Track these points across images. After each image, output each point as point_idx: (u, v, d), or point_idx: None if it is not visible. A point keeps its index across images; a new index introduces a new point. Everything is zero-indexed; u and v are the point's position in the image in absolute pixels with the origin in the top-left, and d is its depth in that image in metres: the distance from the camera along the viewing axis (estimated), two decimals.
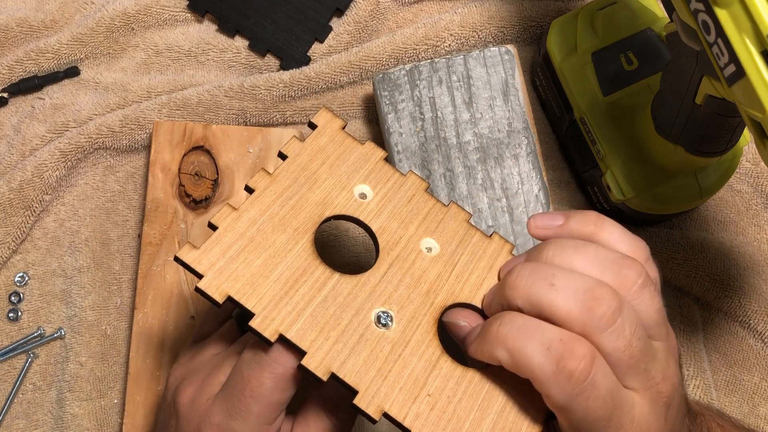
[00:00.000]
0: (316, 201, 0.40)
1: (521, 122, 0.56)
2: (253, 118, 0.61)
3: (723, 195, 0.60)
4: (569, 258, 0.35)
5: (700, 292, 0.58)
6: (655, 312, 0.35)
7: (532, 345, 0.33)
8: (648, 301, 0.35)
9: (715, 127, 0.47)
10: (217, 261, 0.37)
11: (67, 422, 0.57)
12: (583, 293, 0.33)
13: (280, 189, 0.40)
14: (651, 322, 0.35)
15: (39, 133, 0.61)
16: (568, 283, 0.34)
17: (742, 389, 0.57)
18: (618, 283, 0.35)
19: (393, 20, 0.64)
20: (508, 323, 0.34)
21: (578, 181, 0.61)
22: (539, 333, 0.33)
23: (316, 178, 0.41)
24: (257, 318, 0.36)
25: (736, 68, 0.35)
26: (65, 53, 0.62)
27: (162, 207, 0.56)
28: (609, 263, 0.35)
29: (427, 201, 0.42)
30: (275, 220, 0.39)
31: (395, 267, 0.40)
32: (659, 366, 0.35)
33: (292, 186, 0.40)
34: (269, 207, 0.39)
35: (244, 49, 0.63)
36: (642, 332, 0.34)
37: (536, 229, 0.38)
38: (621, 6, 0.56)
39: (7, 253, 0.59)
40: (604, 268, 0.35)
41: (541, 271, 0.35)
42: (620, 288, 0.34)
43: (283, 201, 0.40)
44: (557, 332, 0.33)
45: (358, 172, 0.42)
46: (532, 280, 0.35)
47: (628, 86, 0.55)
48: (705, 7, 0.36)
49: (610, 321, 0.33)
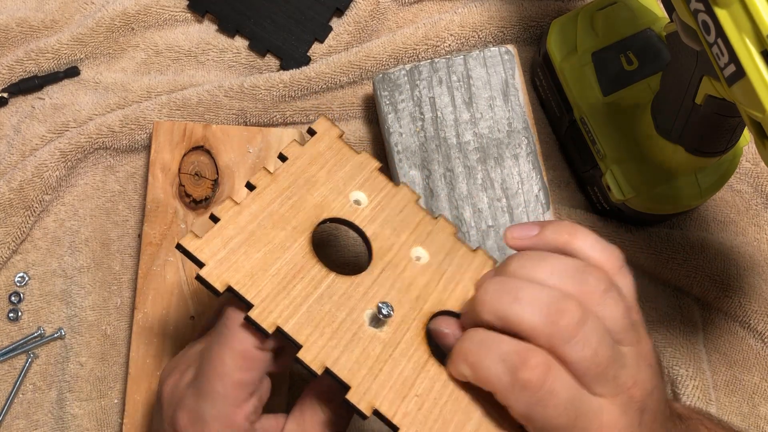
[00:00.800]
0: (314, 203, 0.42)
1: (521, 122, 0.56)
2: (253, 118, 0.61)
3: (723, 195, 0.60)
4: (533, 269, 0.36)
5: (700, 292, 0.58)
6: (621, 317, 0.36)
7: (489, 358, 0.35)
8: (612, 306, 0.36)
9: (715, 127, 0.47)
10: (218, 251, 0.38)
11: (67, 422, 0.57)
12: (546, 306, 0.35)
13: (280, 188, 0.41)
14: (617, 327, 0.36)
15: (39, 133, 0.61)
16: (532, 297, 0.35)
17: (742, 389, 0.57)
18: (580, 291, 0.36)
19: (393, 20, 0.64)
20: (469, 339, 0.36)
21: (578, 181, 0.61)
22: (496, 347, 0.35)
23: (315, 181, 0.42)
24: (256, 309, 0.37)
25: (736, 68, 0.35)
26: (65, 53, 0.62)
27: (162, 207, 0.56)
28: (571, 272, 0.36)
29: (418, 212, 0.44)
30: (275, 217, 0.40)
31: (387, 272, 0.41)
32: (629, 371, 0.36)
33: (291, 186, 0.42)
34: (269, 204, 0.40)
35: (244, 49, 0.63)
36: (609, 340, 0.35)
37: (512, 240, 0.39)
38: (621, 6, 0.56)
39: (7, 253, 0.59)
40: (567, 277, 0.36)
41: (506, 286, 0.36)
42: (583, 296, 0.35)
43: (282, 200, 0.41)
44: (514, 345, 0.35)
45: (353, 179, 0.43)
46: (498, 296, 0.36)
47: (628, 86, 0.55)
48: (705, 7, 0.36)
49: (574, 332, 0.34)
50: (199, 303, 0.55)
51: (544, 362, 0.34)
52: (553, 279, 0.36)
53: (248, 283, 0.38)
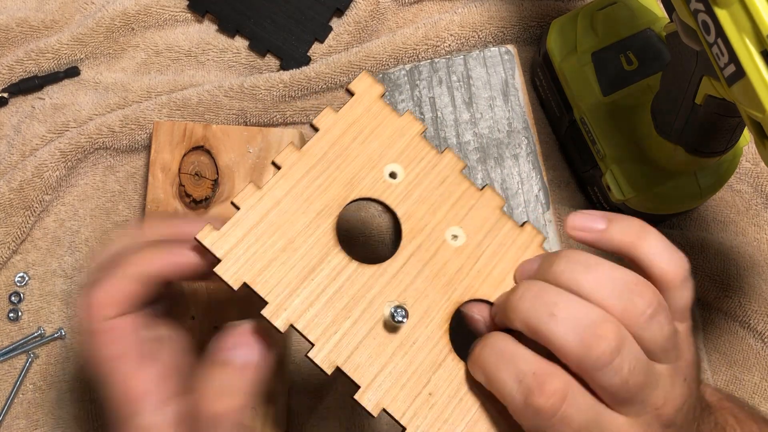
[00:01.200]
0: (343, 181, 0.38)
1: (521, 122, 0.56)
2: (253, 118, 0.61)
3: (723, 195, 0.60)
4: (578, 277, 0.34)
5: (700, 292, 0.58)
6: (665, 340, 0.34)
7: (505, 374, 0.34)
8: (656, 330, 0.34)
9: (715, 127, 0.47)
10: (236, 245, 0.36)
11: (68, 422, 0.57)
12: (583, 328, 0.32)
13: (307, 167, 0.38)
14: (657, 348, 0.34)
15: (39, 133, 0.61)
16: (569, 314, 0.33)
17: (742, 389, 0.57)
18: (625, 311, 0.33)
19: (393, 20, 0.64)
20: (490, 346, 0.35)
21: (578, 181, 0.61)
22: (514, 363, 0.33)
23: (347, 154, 0.39)
24: (270, 306, 0.36)
25: (736, 68, 0.35)
26: (65, 53, 0.62)
27: (162, 207, 0.56)
28: (620, 289, 0.33)
29: (461, 184, 0.40)
30: (299, 201, 0.38)
31: (416, 257, 0.38)
32: (661, 392, 0.34)
33: (320, 163, 0.38)
34: (294, 187, 0.38)
35: (244, 49, 0.63)
36: (643, 365, 0.33)
37: (574, 231, 0.36)
38: (621, 6, 0.56)
39: (8, 253, 0.59)
40: (614, 294, 0.33)
41: (544, 297, 0.34)
42: (626, 316, 0.33)
43: (309, 180, 0.38)
44: (533, 364, 0.33)
45: (391, 149, 0.39)
46: (533, 306, 0.34)
47: (628, 86, 0.55)
48: (705, 7, 0.36)
49: (608, 360, 0.32)
50: (199, 303, 0.55)
51: (561, 389, 0.33)
52: (600, 293, 0.33)
53: (264, 278, 0.36)
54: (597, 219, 0.36)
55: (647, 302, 0.33)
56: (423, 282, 0.38)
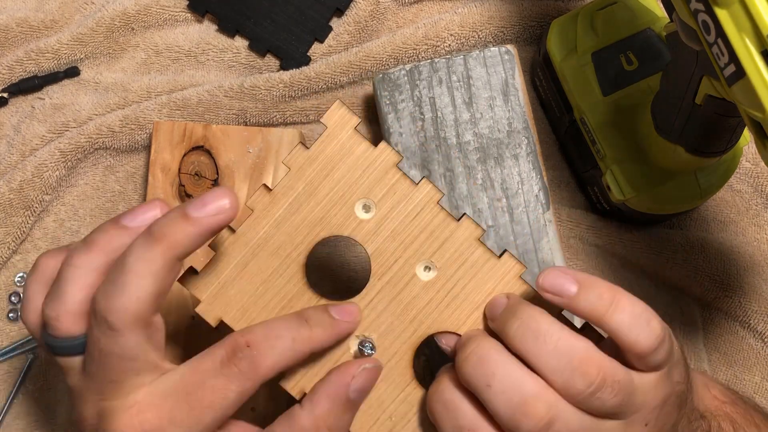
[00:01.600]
0: (313, 220, 0.40)
1: (521, 122, 0.56)
2: (253, 118, 0.61)
3: (723, 195, 0.60)
4: (526, 347, 0.35)
5: (700, 292, 0.58)
6: (610, 408, 0.35)
7: (447, 423, 0.36)
8: (598, 405, 0.35)
9: (715, 127, 0.47)
10: (213, 286, 0.39)
11: (68, 422, 0.57)
12: (514, 405, 0.34)
13: (278, 209, 0.40)
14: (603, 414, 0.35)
15: (39, 133, 0.61)
16: (503, 388, 0.35)
17: (742, 389, 0.57)
18: (564, 387, 0.34)
19: (393, 20, 0.64)
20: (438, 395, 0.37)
21: (578, 181, 0.61)
22: (455, 416, 0.36)
23: (317, 192, 0.40)
24: None
25: (736, 68, 0.35)
26: (65, 53, 0.62)
27: None
28: (563, 365, 0.34)
29: (436, 216, 0.40)
30: (270, 243, 0.40)
31: (384, 292, 0.40)
32: None
33: (290, 204, 0.40)
34: (265, 230, 0.40)
35: (244, 49, 0.63)
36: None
37: (544, 293, 0.36)
38: (621, 6, 0.56)
39: (8, 253, 0.59)
40: (556, 369, 0.34)
41: (484, 366, 0.35)
42: (566, 392, 0.34)
43: (278, 222, 0.40)
44: (470, 421, 0.36)
45: (362, 184, 0.40)
46: (474, 372, 0.36)
47: (628, 86, 0.55)
48: (705, 7, 0.36)
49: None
50: None
51: None
52: (543, 366, 0.35)
53: (240, 317, 0.39)
54: (568, 282, 0.36)
55: (588, 382, 0.34)
56: (389, 316, 0.40)
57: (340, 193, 0.40)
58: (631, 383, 0.35)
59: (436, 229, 0.40)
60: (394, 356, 0.40)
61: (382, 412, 0.40)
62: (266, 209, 0.40)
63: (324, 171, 0.40)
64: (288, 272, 0.40)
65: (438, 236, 0.40)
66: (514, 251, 0.54)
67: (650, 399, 0.36)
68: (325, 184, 0.40)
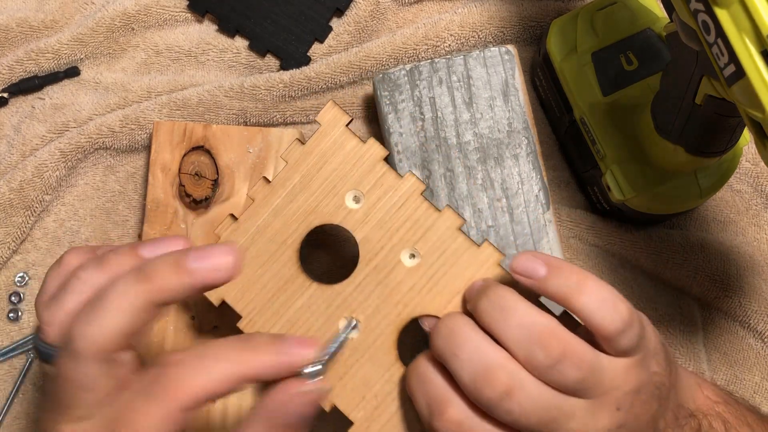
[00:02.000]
0: (307, 210, 0.44)
1: (521, 122, 0.56)
2: (253, 118, 0.61)
3: (723, 195, 0.60)
4: (493, 321, 0.37)
5: (700, 292, 0.58)
6: (572, 383, 0.36)
7: (418, 395, 0.38)
8: (558, 377, 0.36)
9: (715, 127, 0.47)
10: None
11: None
12: (476, 373, 0.36)
13: (276, 199, 0.44)
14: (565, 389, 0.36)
15: (39, 133, 0.61)
16: (468, 357, 0.36)
17: (742, 389, 0.57)
18: (526, 359, 0.36)
19: (393, 20, 0.64)
20: (413, 369, 0.39)
21: (578, 181, 0.61)
22: (426, 388, 0.38)
23: (311, 184, 0.44)
24: (244, 320, 0.44)
25: (735, 68, 0.35)
26: (65, 53, 0.62)
27: (162, 207, 0.56)
28: (525, 338, 0.36)
29: (419, 206, 0.43)
30: (268, 231, 0.44)
31: (371, 277, 0.43)
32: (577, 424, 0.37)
33: (287, 195, 0.44)
34: (263, 218, 0.44)
35: (244, 49, 0.63)
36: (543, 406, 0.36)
37: (517, 275, 0.38)
38: (621, 6, 0.56)
39: (8, 253, 0.59)
40: (519, 342, 0.36)
41: (453, 338, 0.37)
42: (528, 364, 0.36)
43: (276, 211, 0.44)
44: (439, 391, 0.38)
45: (352, 176, 0.43)
46: (444, 344, 0.38)
47: (628, 86, 0.55)
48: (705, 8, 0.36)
49: (496, 403, 0.36)
50: (199, 303, 0.55)
51: (457, 420, 0.37)
52: (508, 339, 0.36)
53: (239, 297, 0.44)
54: (539, 264, 0.37)
55: (548, 353, 0.36)
56: (375, 299, 0.43)
57: (332, 185, 0.44)
58: (597, 363, 0.36)
59: (419, 219, 0.43)
60: (379, 337, 0.43)
61: (368, 390, 0.42)
62: (265, 199, 0.44)
63: (318, 164, 0.44)
64: (283, 257, 0.44)
65: (421, 225, 0.43)
66: (515, 251, 0.54)
67: (621, 383, 0.37)
68: (318, 176, 0.44)
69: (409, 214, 0.43)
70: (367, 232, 0.43)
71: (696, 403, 0.43)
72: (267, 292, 0.43)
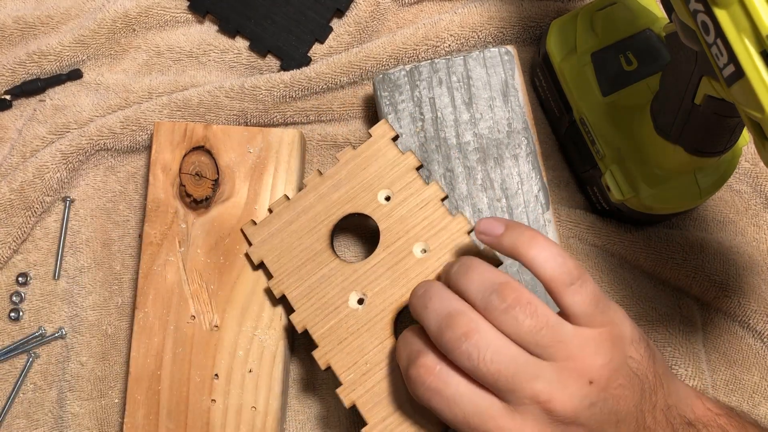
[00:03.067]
0: (345, 199, 0.52)
1: (521, 122, 0.56)
2: (253, 118, 0.61)
3: (722, 195, 0.61)
4: (458, 279, 0.42)
5: (700, 292, 0.58)
6: (527, 333, 0.39)
7: (402, 353, 0.43)
8: (512, 322, 0.39)
9: (714, 127, 0.47)
10: (263, 235, 0.53)
11: (68, 422, 0.57)
12: (440, 318, 0.40)
13: (323, 188, 0.53)
14: (524, 342, 0.39)
15: (40, 135, 0.61)
16: (435, 307, 0.41)
17: (742, 389, 0.57)
18: (484, 306, 0.40)
19: (393, 21, 0.64)
20: (401, 337, 0.44)
21: (578, 181, 0.61)
22: (407, 345, 0.43)
23: (354, 180, 0.52)
24: (274, 280, 0.52)
25: (735, 68, 0.35)
26: (67, 55, 0.62)
27: (163, 207, 0.56)
28: (483, 288, 0.40)
29: (437, 210, 0.50)
30: (311, 212, 0.52)
31: (384, 261, 0.50)
32: (543, 386, 0.38)
33: (333, 185, 0.52)
34: (310, 201, 0.53)
35: (245, 49, 0.63)
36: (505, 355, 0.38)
37: (478, 234, 0.43)
38: (620, 6, 0.57)
39: (9, 253, 0.59)
40: (478, 292, 0.40)
41: (426, 294, 0.42)
42: (486, 311, 0.40)
43: (321, 197, 0.52)
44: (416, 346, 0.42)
45: (386, 178, 0.52)
46: (418, 301, 0.42)
47: (628, 86, 0.55)
48: (704, 8, 0.36)
49: (455, 345, 0.39)
50: (200, 303, 0.55)
51: (430, 366, 0.40)
52: (469, 292, 0.41)
53: (275, 260, 0.52)
54: (497, 226, 0.42)
55: (502, 298, 0.39)
56: (385, 281, 0.50)
57: (369, 183, 0.52)
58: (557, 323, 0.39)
59: (435, 220, 0.50)
60: (380, 313, 0.49)
61: (361, 356, 0.48)
62: (315, 186, 0.53)
63: (362, 165, 0.52)
64: (318, 234, 0.52)
65: (435, 225, 0.50)
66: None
67: (589, 353, 0.39)
68: (361, 174, 0.52)
69: (427, 215, 0.50)
70: (389, 224, 0.51)
71: (696, 413, 0.43)
72: (298, 260, 0.51)
